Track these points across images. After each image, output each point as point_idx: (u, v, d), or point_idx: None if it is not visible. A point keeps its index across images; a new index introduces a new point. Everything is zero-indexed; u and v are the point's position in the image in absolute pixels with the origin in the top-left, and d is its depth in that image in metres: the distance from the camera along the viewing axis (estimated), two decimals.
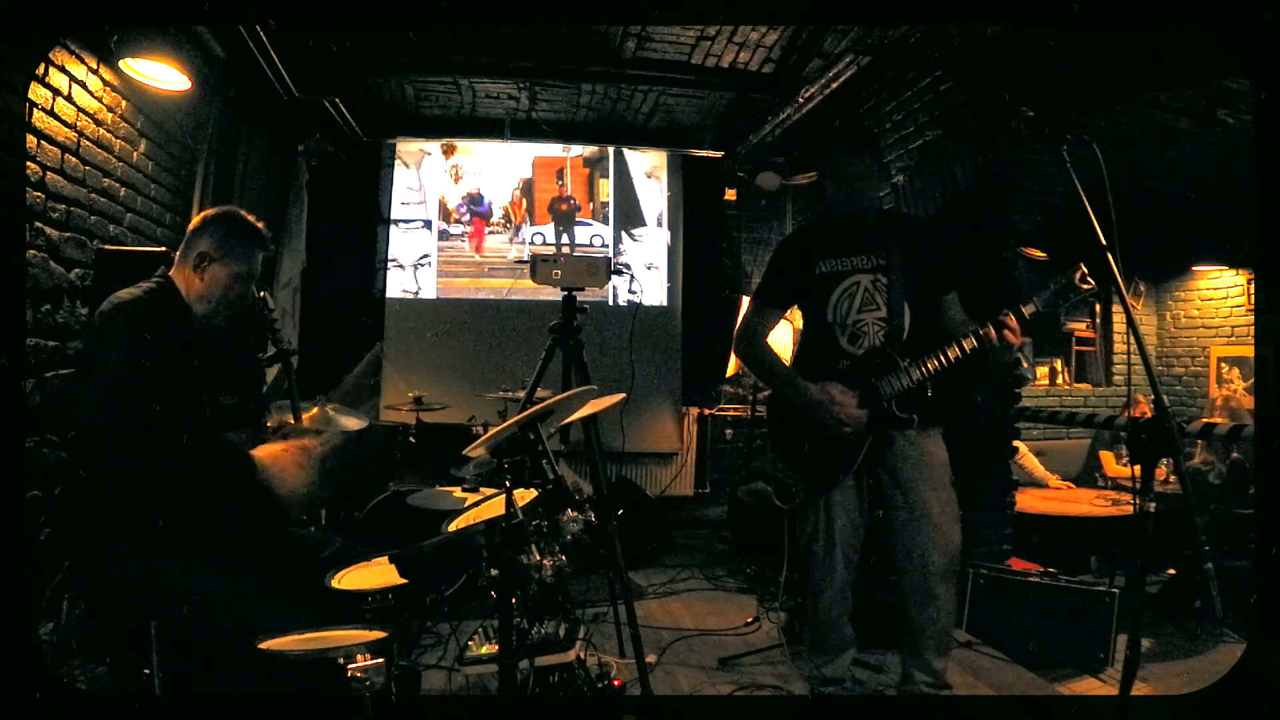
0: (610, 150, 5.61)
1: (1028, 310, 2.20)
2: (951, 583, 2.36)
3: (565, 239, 5.61)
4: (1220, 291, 6.33)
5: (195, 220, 1.94)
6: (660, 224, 5.67)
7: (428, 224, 5.49)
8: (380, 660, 1.43)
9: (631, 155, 5.63)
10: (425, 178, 5.50)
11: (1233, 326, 6.23)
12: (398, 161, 5.47)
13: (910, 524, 2.33)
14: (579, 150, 5.59)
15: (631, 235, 5.63)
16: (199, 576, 1.69)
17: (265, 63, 3.64)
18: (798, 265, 2.46)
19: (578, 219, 5.62)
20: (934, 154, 3.60)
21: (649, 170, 5.67)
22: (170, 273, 1.90)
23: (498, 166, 5.57)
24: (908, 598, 2.36)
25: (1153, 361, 5.55)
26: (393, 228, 5.45)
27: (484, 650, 2.09)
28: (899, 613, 2.40)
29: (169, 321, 1.81)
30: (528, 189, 5.60)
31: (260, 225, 1.96)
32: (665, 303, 5.63)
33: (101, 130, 2.80)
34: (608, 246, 5.62)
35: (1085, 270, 2.13)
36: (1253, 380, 5.83)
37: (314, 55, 3.93)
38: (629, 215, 5.65)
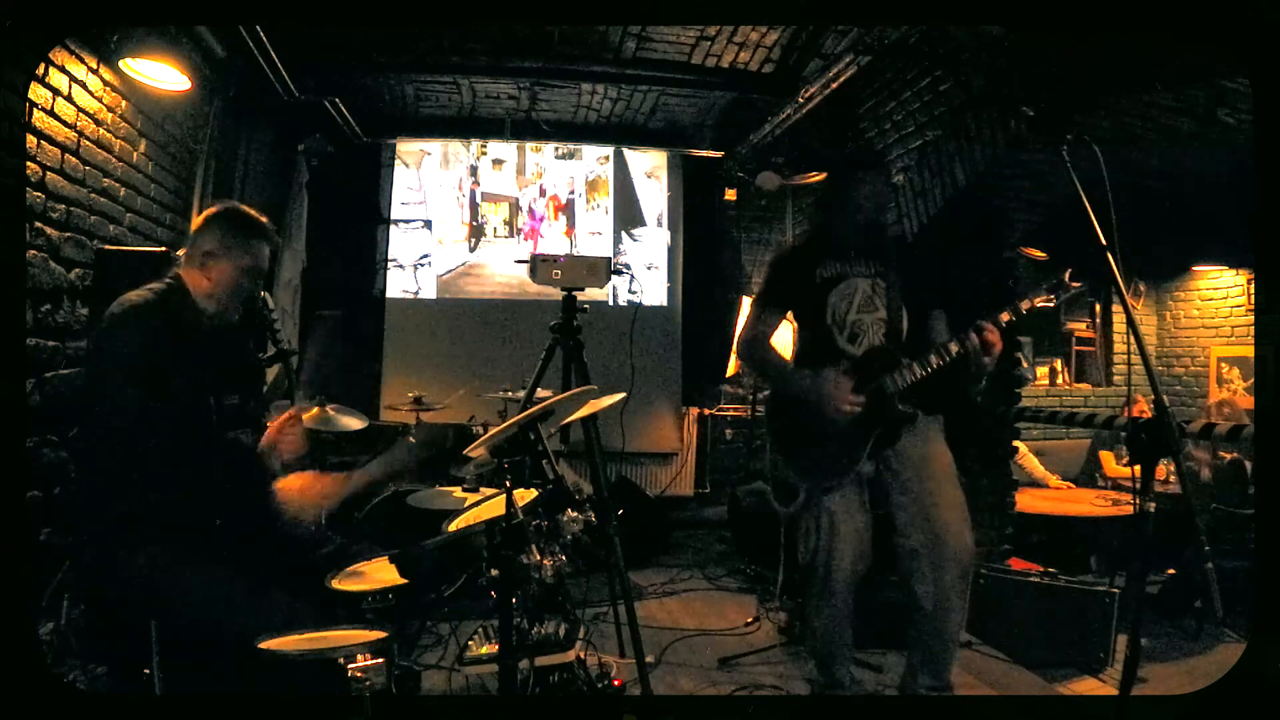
0: (610, 150, 5.61)
1: (1024, 306, 2.22)
2: (964, 587, 2.32)
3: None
4: (1220, 291, 6.33)
5: (198, 219, 1.93)
6: (660, 224, 5.67)
7: (428, 224, 5.48)
8: (380, 660, 1.43)
9: (631, 155, 5.63)
10: (425, 177, 5.49)
11: (1233, 326, 6.23)
12: (397, 161, 5.46)
13: (921, 528, 2.30)
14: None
15: (631, 235, 5.62)
16: (200, 576, 1.70)
17: (265, 63, 3.64)
18: (799, 270, 2.47)
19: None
20: (934, 154, 3.60)
21: (649, 170, 5.67)
22: (180, 273, 1.90)
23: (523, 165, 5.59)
24: (920, 605, 2.31)
25: (1153, 361, 5.55)
26: (393, 228, 5.44)
27: (484, 650, 2.09)
28: (911, 618, 2.36)
29: (176, 323, 1.80)
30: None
31: (263, 219, 1.95)
32: (665, 303, 5.63)
33: (101, 130, 2.80)
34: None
35: (1071, 270, 2.16)
36: (1253, 380, 5.83)
37: (314, 55, 3.94)
38: (629, 215, 5.64)
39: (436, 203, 5.50)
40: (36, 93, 2.41)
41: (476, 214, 5.54)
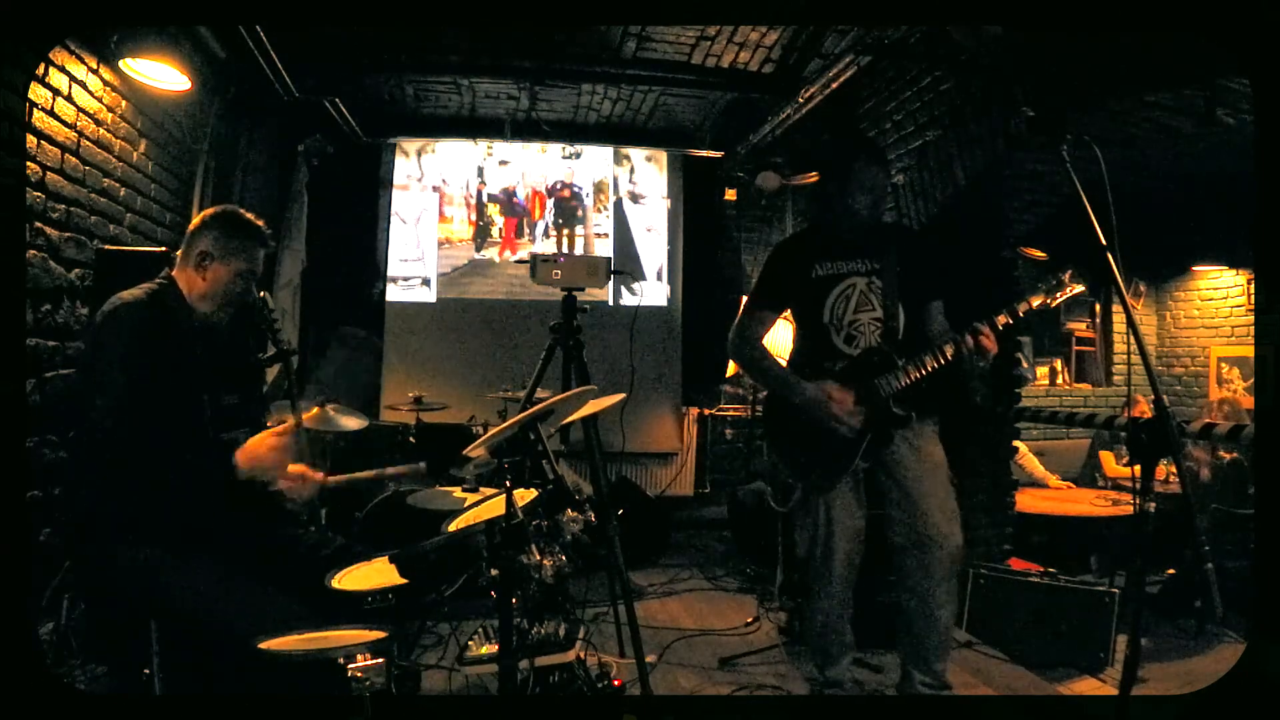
0: (610, 202, 5.59)
1: (1021, 308, 2.23)
2: (953, 583, 2.37)
3: (566, 232, 5.59)
4: (1220, 291, 6.33)
5: (195, 220, 1.95)
6: (660, 278, 5.64)
7: (426, 281, 5.46)
8: (380, 660, 1.43)
9: (631, 208, 5.61)
10: (423, 233, 5.46)
11: (1233, 326, 6.22)
12: (395, 217, 5.42)
13: (910, 525, 2.33)
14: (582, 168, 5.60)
15: (631, 290, 5.58)
16: (199, 576, 1.69)
17: (265, 63, 3.64)
18: (794, 269, 2.46)
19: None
20: (934, 154, 3.60)
21: (649, 225, 5.64)
22: (173, 273, 1.91)
23: (529, 163, 5.59)
24: (909, 600, 2.36)
25: (1153, 361, 5.55)
26: (390, 285, 5.41)
27: (484, 650, 2.09)
28: (900, 614, 2.40)
29: (170, 322, 1.81)
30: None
31: (260, 222, 1.97)
32: (665, 303, 5.63)
33: (101, 130, 2.80)
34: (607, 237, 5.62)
35: (1071, 271, 2.17)
36: (1253, 380, 5.83)
37: (314, 55, 3.94)
38: (628, 270, 5.59)
39: (433, 259, 5.47)
40: (36, 93, 2.41)
41: (482, 214, 5.54)
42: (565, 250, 5.53)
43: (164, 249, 2.94)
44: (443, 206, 5.51)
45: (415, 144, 5.47)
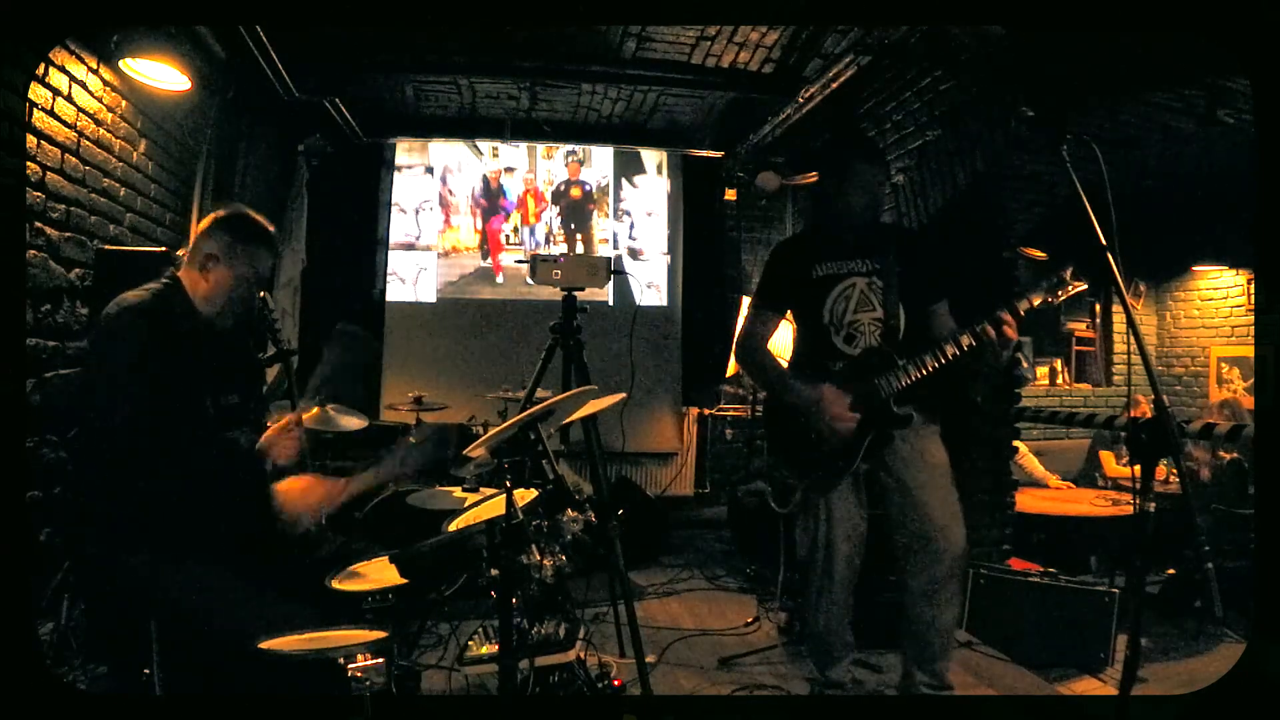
0: (610, 258, 5.59)
1: (1022, 306, 2.19)
2: (956, 584, 2.36)
3: (580, 236, 5.59)
4: (1220, 291, 6.33)
5: (205, 221, 1.92)
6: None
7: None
8: (380, 660, 1.43)
9: (631, 265, 5.61)
10: (421, 292, 5.46)
11: (1233, 326, 6.23)
12: (392, 277, 5.43)
13: (913, 526, 2.33)
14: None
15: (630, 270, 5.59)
16: (199, 576, 1.69)
17: (265, 63, 3.64)
18: (795, 269, 2.46)
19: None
20: (934, 154, 3.60)
21: (650, 282, 5.63)
22: (179, 273, 1.90)
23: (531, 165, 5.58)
24: (912, 600, 2.35)
25: (1153, 361, 5.55)
26: (390, 288, 5.42)
27: (484, 650, 2.09)
28: (903, 615, 2.40)
29: (174, 323, 1.80)
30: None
31: (270, 227, 1.94)
32: (665, 303, 5.63)
33: (101, 130, 2.80)
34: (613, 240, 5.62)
35: (1073, 269, 2.16)
36: (1253, 380, 5.83)
37: (314, 55, 3.94)
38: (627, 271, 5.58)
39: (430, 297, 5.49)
40: (36, 93, 2.41)
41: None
42: (573, 250, 5.54)
43: (164, 249, 2.94)
44: (449, 215, 5.51)
45: (414, 201, 5.49)
